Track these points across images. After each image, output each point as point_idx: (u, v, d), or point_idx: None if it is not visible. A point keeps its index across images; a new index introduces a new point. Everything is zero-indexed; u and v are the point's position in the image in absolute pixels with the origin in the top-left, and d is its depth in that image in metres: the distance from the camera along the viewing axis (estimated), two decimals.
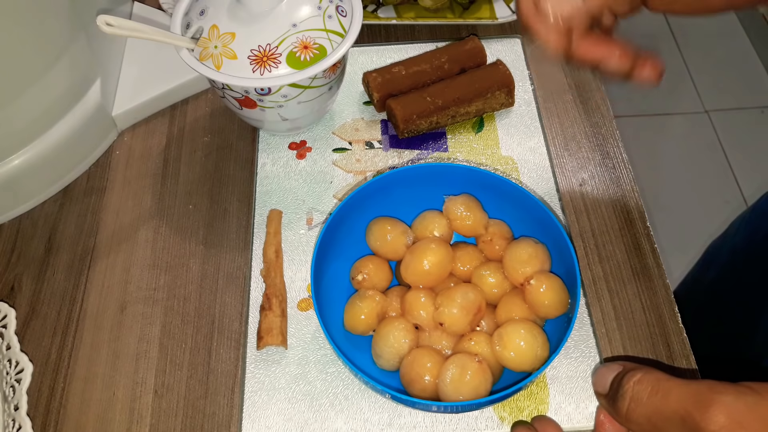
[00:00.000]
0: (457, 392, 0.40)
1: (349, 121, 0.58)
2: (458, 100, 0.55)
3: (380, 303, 0.44)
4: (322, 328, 0.40)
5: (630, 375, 0.32)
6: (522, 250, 0.44)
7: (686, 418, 0.28)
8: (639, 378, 0.31)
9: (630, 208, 0.52)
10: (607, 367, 0.34)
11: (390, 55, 0.62)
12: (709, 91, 1.72)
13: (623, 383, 0.32)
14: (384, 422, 0.43)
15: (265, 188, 0.54)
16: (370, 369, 0.44)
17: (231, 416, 0.44)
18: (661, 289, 0.48)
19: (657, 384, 0.31)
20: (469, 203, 0.46)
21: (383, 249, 0.46)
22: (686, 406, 0.29)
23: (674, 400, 0.29)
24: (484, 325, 0.44)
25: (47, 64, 0.49)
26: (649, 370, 0.32)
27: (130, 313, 0.48)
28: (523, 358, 0.40)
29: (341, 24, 0.49)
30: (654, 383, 0.31)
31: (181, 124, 0.58)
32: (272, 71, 0.47)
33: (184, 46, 0.48)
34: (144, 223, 0.52)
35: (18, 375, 0.44)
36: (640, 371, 0.32)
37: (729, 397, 0.28)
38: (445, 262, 0.44)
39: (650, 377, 0.31)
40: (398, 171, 0.46)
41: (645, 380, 0.31)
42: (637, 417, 0.31)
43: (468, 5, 0.63)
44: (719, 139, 1.63)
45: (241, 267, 0.50)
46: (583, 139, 0.56)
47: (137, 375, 0.45)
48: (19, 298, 0.49)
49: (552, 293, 0.42)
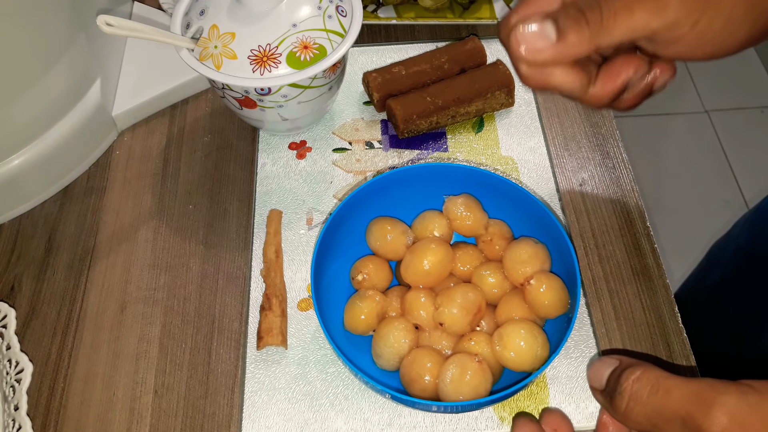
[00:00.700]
0: (457, 392, 0.39)
1: (349, 121, 0.58)
2: (458, 100, 0.55)
3: (380, 303, 0.44)
4: (322, 327, 0.40)
5: (629, 372, 0.31)
6: (522, 250, 0.44)
7: (687, 419, 0.28)
8: (638, 376, 0.31)
9: (630, 208, 0.52)
10: (603, 362, 0.33)
11: (390, 55, 0.62)
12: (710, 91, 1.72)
13: (621, 381, 0.31)
14: (384, 422, 0.43)
15: (265, 188, 0.54)
16: (370, 369, 0.44)
17: (231, 416, 0.44)
18: (661, 289, 0.48)
19: (657, 382, 0.30)
20: (469, 203, 0.46)
21: (383, 249, 0.46)
22: (687, 406, 0.28)
23: (675, 400, 0.29)
24: (484, 325, 0.44)
25: (47, 64, 0.49)
26: (648, 368, 0.31)
27: (130, 313, 0.48)
28: (523, 358, 0.40)
29: (341, 24, 0.49)
30: (654, 381, 0.30)
31: (181, 124, 0.58)
32: (272, 71, 0.47)
33: (184, 46, 0.48)
34: (144, 223, 0.52)
35: (18, 375, 0.44)
36: (639, 368, 0.31)
37: (731, 398, 0.27)
38: (445, 262, 0.44)
39: (650, 375, 0.30)
40: (398, 171, 0.46)
41: (644, 378, 0.30)
42: (636, 416, 0.30)
43: (468, 5, 0.63)
44: (719, 138, 1.63)
45: (241, 267, 0.50)
46: (583, 139, 0.56)
47: (137, 375, 0.45)
48: (19, 298, 0.49)
49: (552, 293, 0.42)
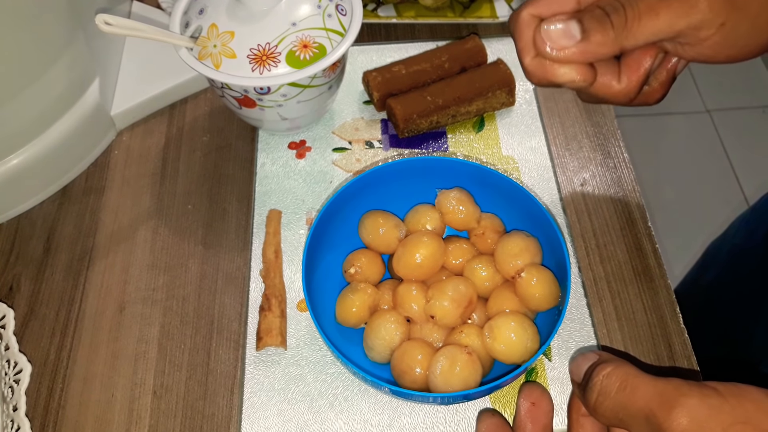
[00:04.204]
0: (447, 384, 0.40)
1: (349, 120, 0.57)
2: (459, 100, 0.55)
3: (372, 296, 0.44)
4: (313, 319, 0.40)
5: (600, 368, 0.32)
6: (513, 244, 0.44)
7: (650, 417, 0.29)
8: (608, 372, 0.31)
9: (631, 207, 0.52)
10: (584, 356, 0.34)
11: (390, 54, 0.61)
12: (711, 91, 1.71)
13: (593, 376, 0.32)
14: (384, 423, 0.43)
15: (265, 188, 0.54)
16: (362, 362, 0.44)
17: (230, 417, 0.44)
18: (663, 289, 0.48)
19: (626, 379, 0.31)
20: (462, 197, 0.46)
21: (376, 242, 0.46)
22: (651, 405, 0.29)
23: (640, 398, 0.29)
24: (475, 317, 0.44)
25: (46, 64, 0.49)
26: (619, 364, 0.32)
27: (128, 313, 0.48)
28: (514, 350, 0.41)
29: (341, 23, 0.49)
30: (623, 378, 0.31)
31: (180, 124, 0.58)
32: (271, 70, 0.47)
33: (183, 45, 0.48)
34: (143, 223, 0.52)
35: (17, 375, 0.44)
36: (611, 365, 0.32)
37: (693, 399, 0.28)
38: (437, 255, 0.44)
39: (619, 372, 0.31)
40: (391, 164, 0.46)
41: (614, 374, 0.31)
42: (604, 410, 0.31)
43: (468, 4, 0.63)
44: (721, 138, 1.63)
45: (240, 267, 0.50)
46: (584, 139, 0.56)
47: (136, 376, 0.45)
48: (18, 298, 0.49)
49: (542, 286, 0.42)
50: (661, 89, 0.41)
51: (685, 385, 0.29)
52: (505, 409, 0.44)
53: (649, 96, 0.41)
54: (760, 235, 0.63)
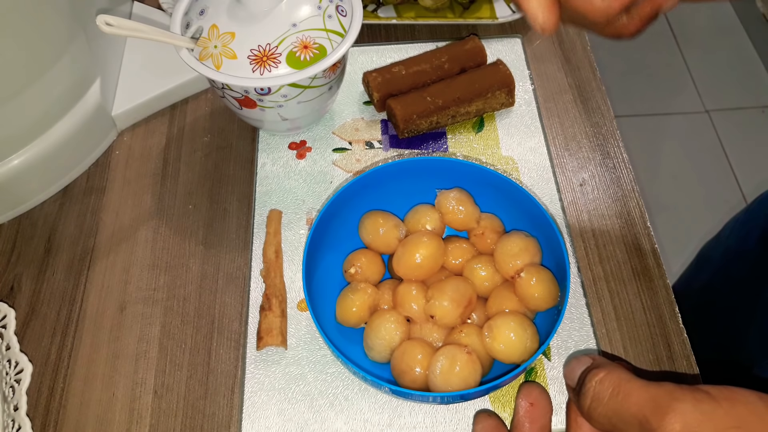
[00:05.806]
0: (447, 383, 0.40)
1: (349, 121, 0.58)
2: (458, 100, 0.55)
3: (372, 295, 0.44)
4: (313, 319, 0.40)
5: (593, 373, 0.32)
6: (513, 244, 0.44)
7: (644, 423, 0.29)
8: (601, 377, 0.31)
9: (630, 208, 0.52)
10: (578, 360, 0.34)
11: (390, 55, 0.62)
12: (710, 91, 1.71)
13: (586, 381, 0.32)
14: (384, 423, 0.43)
15: (265, 188, 0.54)
16: (362, 361, 0.44)
17: (231, 416, 0.44)
18: (662, 289, 0.48)
19: (619, 385, 0.31)
20: (461, 197, 0.47)
21: (376, 242, 0.46)
22: (644, 410, 0.29)
23: (633, 403, 0.29)
24: (475, 317, 0.44)
25: (46, 64, 0.49)
26: (612, 369, 0.32)
27: (129, 313, 0.48)
28: (513, 349, 0.41)
29: (341, 24, 0.49)
30: (616, 384, 0.31)
31: (181, 124, 0.58)
32: (272, 71, 0.47)
33: (183, 45, 0.48)
34: (144, 223, 0.52)
35: (17, 375, 0.44)
36: (604, 370, 0.32)
37: (686, 405, 0.28)
38: (436, 255, 0.44)
39: (612, 377, 0.31)
40: (390, 165, 0.46)
41: (607, 380, 0.31)
42: (597, 416, 0.31)
43: (468, 5, 0.63)
44: (720, 138, 1.63)
45: (240, 267, 0.50)
46: (583, 139, 0.56)
47: (137, 375, 0.45)
48: (19, 298, 0.49)
49: (542, 286, 0.42)
50: (639, 23, 0.38)
51: (678, 389, 0.29)
52: (504, 408, 0.44)
53: (625, 28, 0.38)
54: (753, 238, 0.62)
